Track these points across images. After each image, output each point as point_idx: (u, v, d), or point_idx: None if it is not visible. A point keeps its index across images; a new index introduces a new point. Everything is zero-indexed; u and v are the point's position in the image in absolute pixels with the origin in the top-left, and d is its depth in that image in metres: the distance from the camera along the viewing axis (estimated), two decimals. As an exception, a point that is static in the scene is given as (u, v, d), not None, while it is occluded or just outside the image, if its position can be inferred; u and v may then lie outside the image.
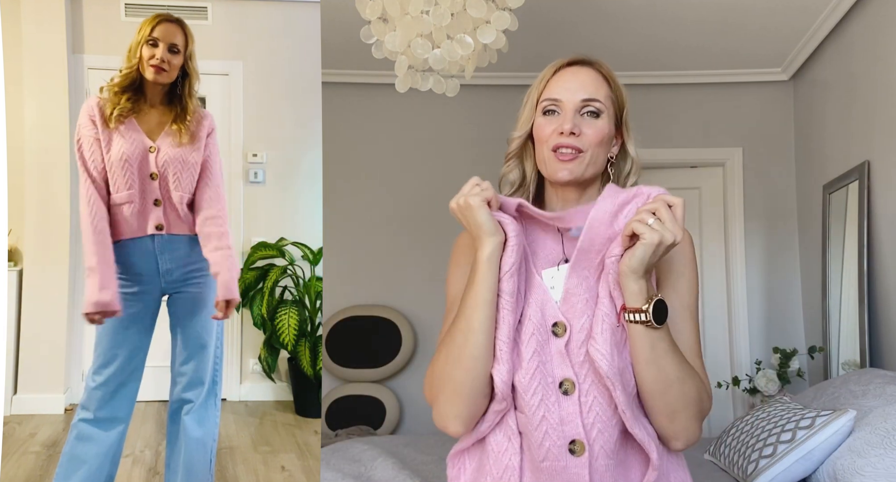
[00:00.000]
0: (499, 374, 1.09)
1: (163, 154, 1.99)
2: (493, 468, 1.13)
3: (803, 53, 3.58)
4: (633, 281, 1.07)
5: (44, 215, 3.75)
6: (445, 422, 1.13)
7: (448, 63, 2.24)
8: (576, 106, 1.19)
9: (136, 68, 2.00)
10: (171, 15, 2.04)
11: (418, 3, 2.13)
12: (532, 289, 1.15)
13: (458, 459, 1.21)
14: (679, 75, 3.90)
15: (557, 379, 1.10)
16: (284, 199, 4.10)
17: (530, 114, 1.24)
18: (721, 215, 4.00)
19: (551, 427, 1.08)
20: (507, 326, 1.11)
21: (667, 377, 1.07)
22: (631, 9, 3.16)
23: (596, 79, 1.21)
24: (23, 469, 2.85)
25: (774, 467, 1.91)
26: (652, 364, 1.07)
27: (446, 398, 1.12)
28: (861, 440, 1.78)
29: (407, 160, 4.06)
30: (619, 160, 1.26)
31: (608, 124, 1.20)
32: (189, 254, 2.04)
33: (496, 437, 1.14)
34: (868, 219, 2.88)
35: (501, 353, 1.10)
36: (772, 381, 3.25)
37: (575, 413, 1.09)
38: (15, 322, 3.65)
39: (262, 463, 2.99)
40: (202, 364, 2.08)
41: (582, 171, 1.19)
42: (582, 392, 1.09)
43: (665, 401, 1.08)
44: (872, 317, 2.81)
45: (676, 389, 1.08)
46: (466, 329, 1.11)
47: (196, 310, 2.07)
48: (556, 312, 1.13)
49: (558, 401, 1.09)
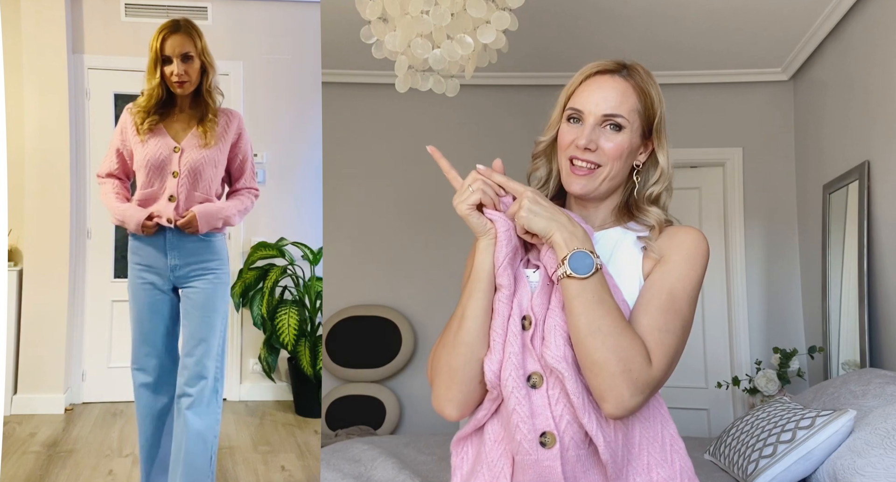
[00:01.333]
0: (488, 364, 1.13)
1: (186, 155, 2.09)
2: (489, 455, 1.15)
3: (803, 53, 3.58)
4: (551, 237, 1.11)
5: (44, 215, 3.74)
6: (442, 406, 1.17)
7: (448, 63, 2.24)
8: (597, 120, 1.20)
9: (157, 86, 2.08)
10: (174, 22, 2.10)
11: (418, 3, 2.13)
12: (518, 282, 1.17)
13: (460, 447, 1.23)
14: (679, 75, 3.90)
15: (527, 372, 1.12)
16: (284, 199, 4.10)
17: (557, 118, 1.26)
18: (721, 215, 4.00)
19: (521, 420, 1.09)
20: (501, 318, 1.14)
21: (588, 326, 1.08)
22: (631, 9, 3.16)
23: (624, 91, 1.21)
24: (23, 469, 2.85)
25: (774, 467, 1.91)
26: (575, 314, 1.09)
27: (441, 382, 1.17)
28: (861, 440, 1.78)
29: (407, 160, 4.06)
30: (647, 168, 1.26)
31: (630, 138, 1.21)
32: (198, 251, 2.10)
33: (493, 426, 1.17)
34: (868, 219, 2.88)
35: (495, 344, 1.13)
36: (772, 381, 3.25)
37: (544, 405, 1.10)
38: (15, 322, 3.65)
39: (262, 463, 2.99)
40: (203, 359, 2.11)
41: (595, 186, 1.21)
42: (549, 384, 1.11)
43: (586, 351, 1.08)
44: (872, 317, 2.81)
45: (598, 340, 1.07)
46: (461, 316, 1.16)
47: (201, 307, 2.11)
48: (528, 305, 1.15)
49: (528, 394, 1.11)
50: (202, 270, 2.11)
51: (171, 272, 2.10)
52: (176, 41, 2.07)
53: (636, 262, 1.21)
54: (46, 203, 3.74)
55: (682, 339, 1.15)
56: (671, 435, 1.19)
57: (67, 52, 3.80)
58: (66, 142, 3.74)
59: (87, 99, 3.90)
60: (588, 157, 1.19)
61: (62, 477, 2.76)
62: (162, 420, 2.17)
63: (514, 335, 1.13)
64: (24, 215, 3.70)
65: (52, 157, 3.74)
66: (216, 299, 2.12)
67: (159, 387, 2.16)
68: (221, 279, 2.14)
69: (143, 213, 2.08)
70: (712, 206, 4.03)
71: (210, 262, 2.12)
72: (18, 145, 3.65)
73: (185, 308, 2.12)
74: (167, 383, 2.16)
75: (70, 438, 3.25)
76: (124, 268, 3.89)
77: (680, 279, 1.17)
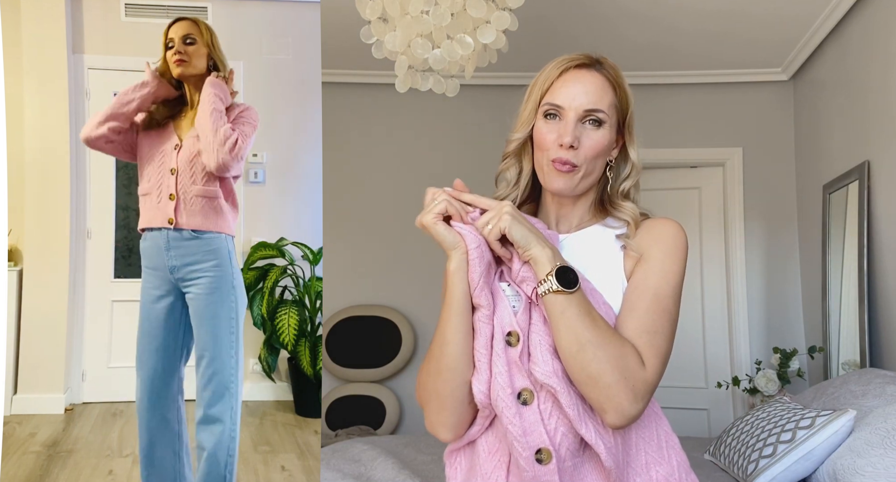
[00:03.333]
0: (476, 384, 1.10)
1: (184, 150, 2.05)
2: (483, 467, 1.14)
3: (803, 53, 3.58)
4: (531, 251, 1.09)
5: (44, 215, 3.74)
6: (436, 430, 1.16)
7: (448, 63, 2.24)
8: (578, 115, 1.17)
9: (167, 78, 2.08)
10: (184, 17, 2.11)
11: (418, 3, 2.13)
12: (496, 297, 1.14)
13: (453, 458, 1.22)
14: (679, 75, 3.90)
15: (516, 389, 1.09)
16: (284, 199, 4.10)
17: (531, 115, 1.22)
18: (721, 215, 4.00)
19: (515, 438, 1.07)
20: (484, 337, 1.11)
21: (578, 340, 1.06)
22: (631, 9, 3.16)
23: (602, 85, 1.18)
24: (23, 469, 2.85)
25: (774, 467, 1.91)
26: (563, 330, 1.07)
27: (432, 408, 1.15)
28: (861, 440, 1.78)
29: (407, 160, 4.06)
30: (618, 163, 1.24)
31: (609, 134, 1.19)
32: (195, 251, 2.04)
33: (487, 438, 1.15)
34: (868, 219, 2.88)
35: (480, 364, 1.11)
36: (772, 381, 3.25)
37: (536, 421, 1.08)
38: (15, 322, 3.65)
39: (262, 463, 2.99)
40: (210, 374, 2.02)
41: (574, 185, 1.18)
42: (541, 400, 1.09)
43: (580, 365, 1.06)
44: (872, 317, 2.81)
45: (590, 352, 1.05)
46: (442, 342, 1.12)
47: (201, 316, 2.04)
48: (511, 321, 1.12)
49: (519, 412, 1.08)
50: (199, 273, 2.03)
51: (171, 273, 2.05)
52: (181, 26, 2.07)
53: (617, 262, 1.19)
54: (46, 203, 3.74)
55: (671, 339, 1.14)
56: (665, 431, 1.19)
57: (67, 52, 3.80)
58: (66, 142, 3.74)
59: (87, 99, 3.90)
60: (570, 156, 1.16)
61: (62, 477, 2.76)
62: (162, 422, 2.12)
63: (499, 354, 1.10)
64: (24, 215, 3.71)
65: (52, 157, 3.75)
66: (215, 306, 2.02)
67: (158, 390, 2.09)
68: (219, 283, 2.03)
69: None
70: (712, 206, 4.03)
71: (206, 263, 2.03)
72: (18, 145, 3.65)
73: (191, 317, 2.07)
74: (166, 385, 2.09)
75: (70, 438, 3.25)
76: (124, 269, 3.95)
77: (663, 276, 1.15)
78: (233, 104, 2.12)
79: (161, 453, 2.12)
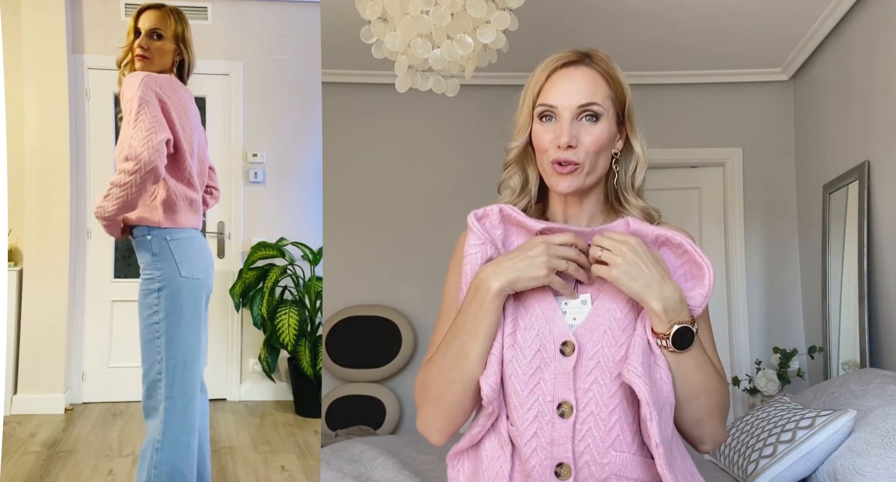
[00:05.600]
0: (487, 382, 1.09)
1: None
2: (485, 473, 1.13)
3: (803, 54, 3.58)
4: (648, 304, 1.06)
5: (44, 215, 3.74)
6: (428, 432, 1.17)
7: (448, 63, 2.24)
8: (573, 112, 1.14)
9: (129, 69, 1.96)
10: (158, 2, 1.96)
11: (418, 3, 2.13)
12: (534, 297, 1.12)
13: (456, 461, 1.21)
14: (679, 75, 3.90)
15: (557, 400, 1.07)
16: (284, 199, 4.10)
17: (527, 120, 1.20)
18: (721, 215, 4.00)
19: (540, 446, 1.06)
20: (499, 344, 1.11)
21: (692, 390, 1.09)
22: (631, 9, 3.16)
23: (594, 79, 1.16)
24: (23, 469, 2.85)
25: (774, 467, 1.91)
26: (678, 381, 1.09)
27: (432, 412, 1.15)
28: (861, 440, 1.78)
29: (407, 160, 4.06)
30: (623, 156, 1.22)
31: (608, 127, 1.16)
32: (137, 248, 1.93)
33: (490, 443, 1.14)
34: (868, 219, 2.88)
35: (490, 365, 1.10)
36: (772, 381, 3.25)
37: (567, 437, 1.06)
38: (15, 322, 3.65)
39: (262, 463, 2.99)
40: (146, 374, 1.92)
41: (580, 183, 1.16)
42: (579, 419, 1.07)
43: (690, 412, 1.11)
44: (872, 317, 2.81)
45: (702, 400, 1.10)
46: (462, 355, 1.11)
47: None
48: (566, 331, 1.10)
49: (552, 421, 1.07)
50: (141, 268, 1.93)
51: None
52: (150, 16, 1.92)
53: None
54: (46, 203, 3.74)
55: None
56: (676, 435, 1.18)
57: (67, 52, 3.80)
58: (66, 142, 3.74)
59: (87, 99, 3.90)
60: (569, 156, 1.13)
61: (62, 477, 2.76)
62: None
63: (546, 361, 1.08)
64: (24, 215, 3.70)
65: (52, 157, 3.75)
66: (140, 307, 1.89)
67: (146, 389, 1.98)
68: (144, 285, 1.90)
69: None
70: (712, 206, 4.03)
71: (141, 261, 1.92)
72: (18, 145, 3.65)
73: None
74: (152, 386, 1.96)
75: (70, 438, 3.25)
76: (124, 268, 3.95)
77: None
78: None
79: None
